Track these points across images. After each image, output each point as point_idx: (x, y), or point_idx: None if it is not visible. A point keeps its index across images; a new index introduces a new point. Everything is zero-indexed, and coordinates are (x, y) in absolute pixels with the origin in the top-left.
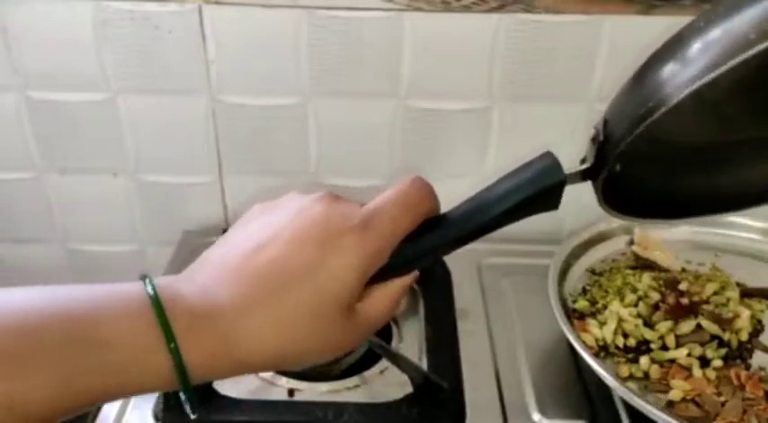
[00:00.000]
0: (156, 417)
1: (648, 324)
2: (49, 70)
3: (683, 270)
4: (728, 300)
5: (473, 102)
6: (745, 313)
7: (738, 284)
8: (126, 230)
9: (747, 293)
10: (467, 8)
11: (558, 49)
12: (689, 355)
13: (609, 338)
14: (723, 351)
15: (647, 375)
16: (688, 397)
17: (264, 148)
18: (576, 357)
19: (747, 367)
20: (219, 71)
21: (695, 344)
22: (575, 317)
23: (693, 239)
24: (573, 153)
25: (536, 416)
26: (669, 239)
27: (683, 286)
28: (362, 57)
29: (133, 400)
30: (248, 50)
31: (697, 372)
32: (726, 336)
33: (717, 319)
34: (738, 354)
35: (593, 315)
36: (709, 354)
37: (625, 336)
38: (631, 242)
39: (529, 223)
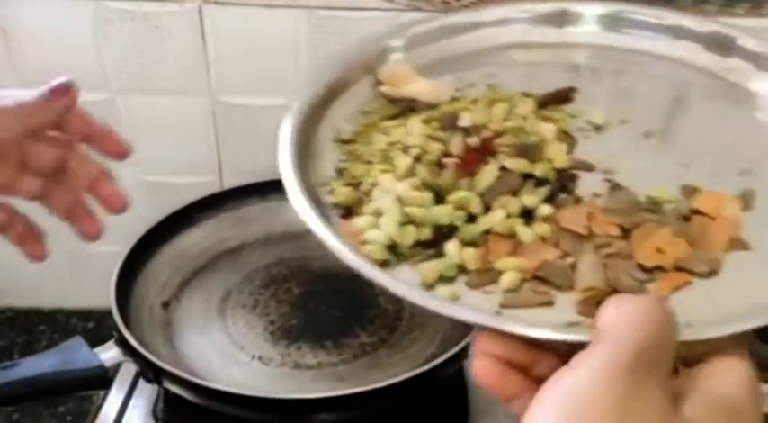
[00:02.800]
0: (155, 417)
1: (440, 194)
2: (49, 70)
3: (455, 100)
4: (525, 120)
5: None
6: (550, 128)
7: (526, 95)
8: (127, 231)
9: (542, 103)
10: (467, 8)
11: None
12: (507, 215)
13: (394, 233)
14: (543, 191)
15: (464, 269)
16: (528, 276)
17: (265, 148)
18: None
19: (578, 201)
20: (219, 71)
21: (507, 196)
22: (340, 217)
23: (448, 56)
24: None
25: None
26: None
27: (464, 121)
28: None
29: (133, 401)
30: (248, 50)
31: (524, 233)
32: (539, 169)
33: (521, 152)
34: (562, 187)
35: (360, 206)
36: (529, 201)
37: (416, 226)
38: (378, 83)
39: None
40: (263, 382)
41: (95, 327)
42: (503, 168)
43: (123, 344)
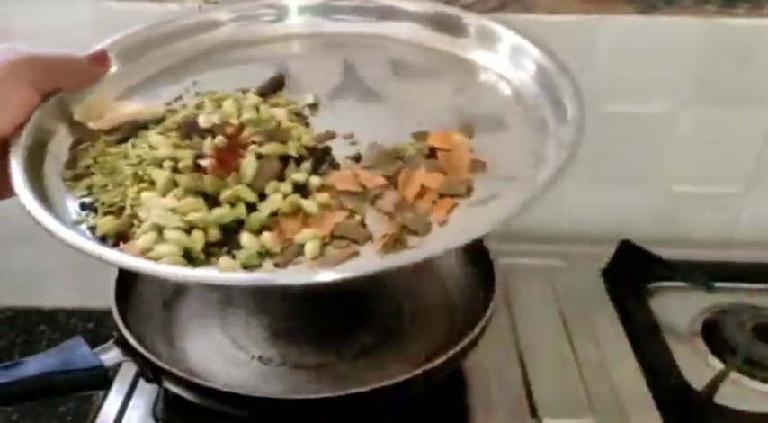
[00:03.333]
0: (155, 417)
1: (208, 196)
2: None
3: (171, 111)
4: (257, 110)
5: None
6: (282, 112)
7: (243, 91)
8: None
9: (262, 94)
10: (466, 8)
11: (558, 49)
12: (284, 196)
13: (186, 242)
14: (307, 166)
15: (266, 253)
16: (327, 240)
17: None
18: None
19: (338, 167)
20: None
21: (275, 181)
22: (112, 247)
23: (151, 72)
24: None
25: (536, 416)
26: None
27: (204, 123)
28: None
29: (133, 400)
30: None
31: (308, 205)
32: (292, 149)
33: (270, 137)
34: (319, 159)
35: (131, 229)
36: (299, 177)
37: (202, 231)
38: (78, 124)
39: (531, 224)
40: (262, 382)
41: (95, 327)
42: (259, 156)
43: (123, 344)
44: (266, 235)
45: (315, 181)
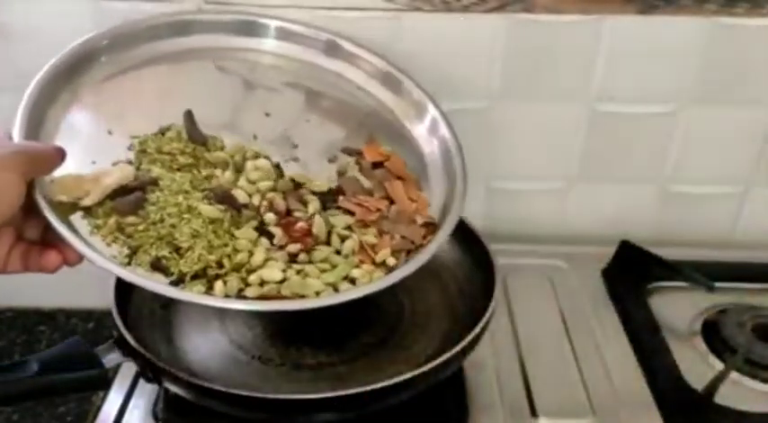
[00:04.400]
0: (155, 416)
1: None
2: None
3: (139, 168)
4: (257, 169)
5: (472, 101)
6: (264, 163)
7: (162, 131)
8: None
9: (193, 136)
10: (466, 8)
11: (558, 49)
12: (349, 229)
13: (334, 278)
14: (333, 211)
15: (383, 262)
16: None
17: None
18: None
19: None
20: None
21: (327, 227)
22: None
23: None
24: (570, 153)
25: (536, 416)
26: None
27: (242, 198)
28: None
29: (133, 400)
30: None
31: (369, 239)
32: (317, 202)
33: (297, 198)
34: (331, 198)
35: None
36: (340, 222)
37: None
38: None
39: (531, 224)
40: (262, 382)
41: (95, 327)
42: (313, 215)
43: (123, 344)
44: (367, 266)
45: (349, 219)
